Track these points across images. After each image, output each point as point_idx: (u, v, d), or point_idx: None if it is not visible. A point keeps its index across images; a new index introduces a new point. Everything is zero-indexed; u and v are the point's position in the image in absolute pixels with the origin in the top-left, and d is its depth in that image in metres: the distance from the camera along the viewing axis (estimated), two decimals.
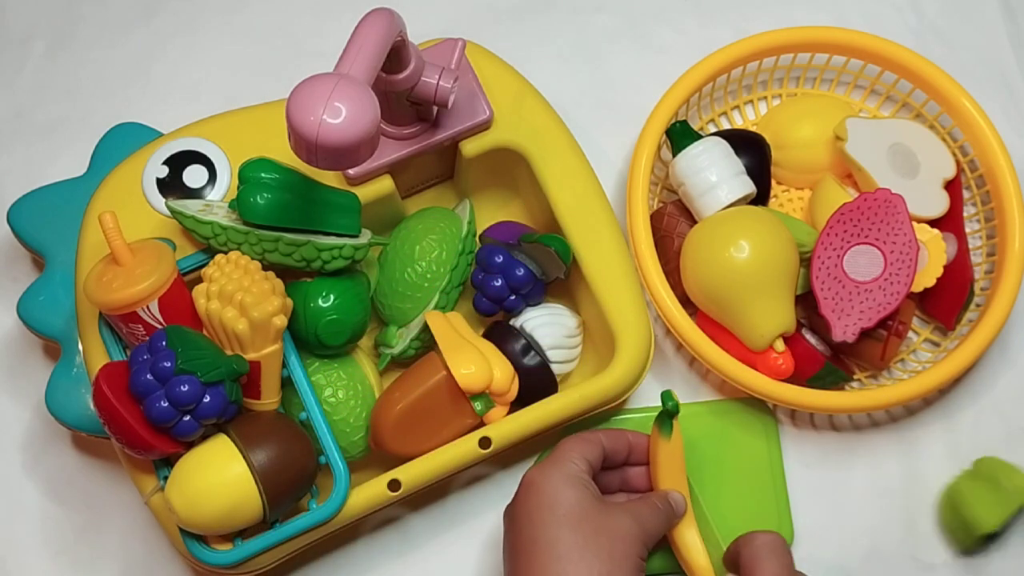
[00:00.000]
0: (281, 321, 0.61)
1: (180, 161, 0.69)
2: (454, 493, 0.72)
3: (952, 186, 0.74)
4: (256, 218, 0.62)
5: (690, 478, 0.68)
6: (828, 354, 0.71)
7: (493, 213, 0.75)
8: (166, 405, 0.58)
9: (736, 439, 0.72)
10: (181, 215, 0.64)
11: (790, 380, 0.69)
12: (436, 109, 0.67)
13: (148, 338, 0.60)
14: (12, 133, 0.80)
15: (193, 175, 0.69)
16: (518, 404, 0.67)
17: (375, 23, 0.55)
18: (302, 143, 0.51)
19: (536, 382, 0.68)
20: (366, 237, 0.66)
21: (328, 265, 0.64)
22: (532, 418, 0.66)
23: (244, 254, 0.63)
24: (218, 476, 0.60)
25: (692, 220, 0.72)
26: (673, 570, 0.68)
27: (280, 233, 0.63)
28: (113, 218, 0.61)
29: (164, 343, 0.59)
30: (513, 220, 0.74)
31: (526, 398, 0.67)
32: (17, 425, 0.74)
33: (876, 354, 0.70)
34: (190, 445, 0.61)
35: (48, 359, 0.75)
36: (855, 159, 0.72)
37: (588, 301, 0.70)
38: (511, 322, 0.70)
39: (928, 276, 0.70)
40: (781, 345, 0.69)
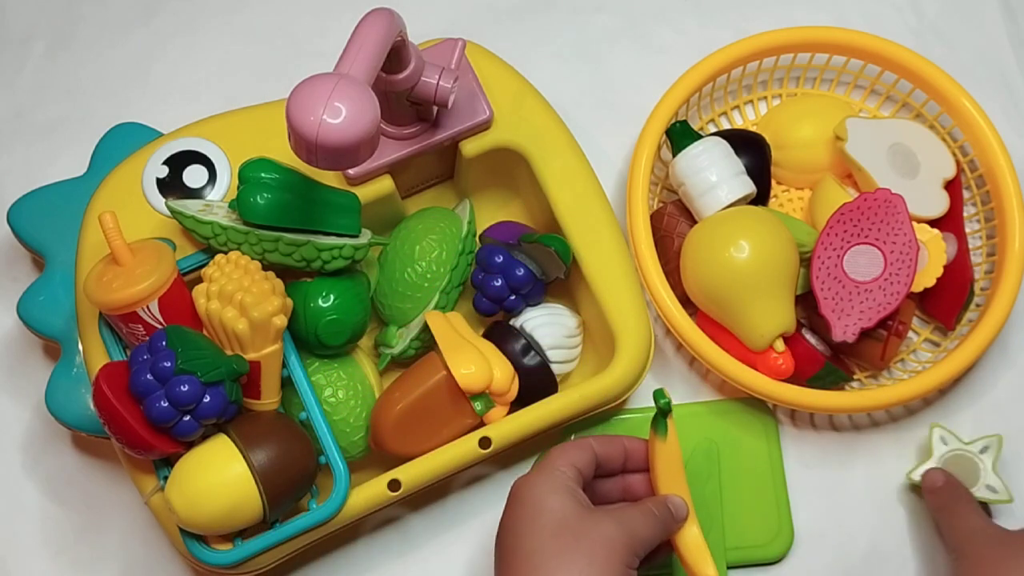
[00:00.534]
0: (281, 321, 0.61)
1: (180, 161, 0.69)
2: (454, 493, 0.72)
3: (952, 186, 0.74)
4: (256, 218, 0.62)
5: (689, 479, 0.66)
6: (828, 354, 0.71)
7: (493, 213, 0.75)
8: (166, 405, 0.58)
9: (736, 439, 0.72)
10: (181, 215, 0.64)
11: (790, 380, 0.69)
12: (436, 109, 0.67)
13: (148, 338, 0.60)
14: (12, 133, 0.80)
15: (193, 175, 0.69)
16: (518, 404, 0.67)
17: (375, 23, 0.55)
18: (302, 143, 0.51)
19: (536, 382, 0.68)
20: (366, 237, 0.66)
21: (328, 265, 0.64)
22: (532, 418, 0.66)
23: (244, 254, 0.63)
24: (218, 476, 0.60)
25: (692, 220, 0.72)
26: None
27: (280, 233, 0.63)
28: (113, 218, 0.61)
29: (164, 343, 0.59)
30: (513, 220, 0.74)
31: (526, 398, 0.67)
32: (17, 425, 0.74)
33: (876, 354, 0.70)
34: (190, 445, 0.61)
35: (48, 359, 0.75)
36: (855, 159, 0.72)
37: (588, 301, 0.70)
38: (511, 322, 0.70)
39: (928, 276, 0.70)
40: (781, 345, 0.69)
